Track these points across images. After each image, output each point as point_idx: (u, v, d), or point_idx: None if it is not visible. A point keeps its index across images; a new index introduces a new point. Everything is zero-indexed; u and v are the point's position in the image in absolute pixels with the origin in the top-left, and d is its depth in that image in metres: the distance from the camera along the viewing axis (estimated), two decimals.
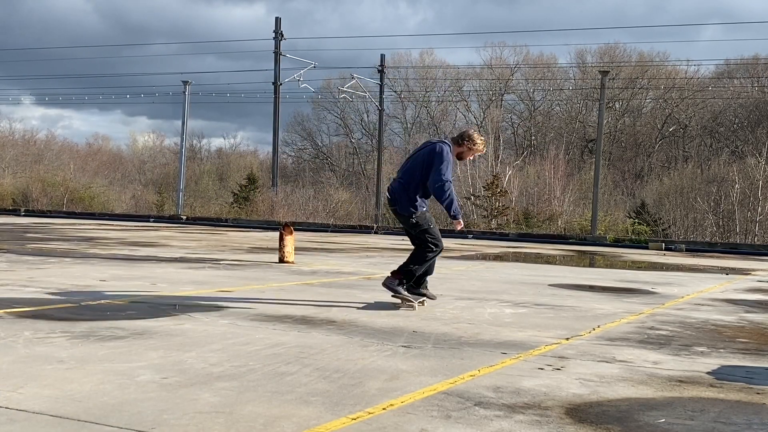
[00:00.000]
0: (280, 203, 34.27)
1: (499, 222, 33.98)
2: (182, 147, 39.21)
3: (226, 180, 56.22)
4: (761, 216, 37.53)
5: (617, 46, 59.08)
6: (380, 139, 43.53)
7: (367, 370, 4.49)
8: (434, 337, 5.74)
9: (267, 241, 18.78)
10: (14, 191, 40.26)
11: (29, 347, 4.77)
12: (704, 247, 24.18)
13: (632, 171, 55.63)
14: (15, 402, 3.54)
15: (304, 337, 5.52)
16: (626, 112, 59.07)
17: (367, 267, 12.21)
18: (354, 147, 63.09)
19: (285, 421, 3.41)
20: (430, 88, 61.37)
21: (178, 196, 37.43)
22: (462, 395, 4.01)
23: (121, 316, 6.12)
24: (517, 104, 61.78)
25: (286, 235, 12.30)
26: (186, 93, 36.91)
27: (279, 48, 35.62)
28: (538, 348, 5.45)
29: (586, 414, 3.77)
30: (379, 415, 3.58)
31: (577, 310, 7.71)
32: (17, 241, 15.13)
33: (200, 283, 8.81)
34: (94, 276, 9.03)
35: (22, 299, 6.87)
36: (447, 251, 17.89)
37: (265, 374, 4.29)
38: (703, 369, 4.95)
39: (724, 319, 7.46)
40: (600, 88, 33.38)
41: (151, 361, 4.50)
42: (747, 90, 56.27)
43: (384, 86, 42.24)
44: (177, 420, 3.37)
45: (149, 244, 15.77)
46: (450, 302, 7.86)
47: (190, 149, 62.87)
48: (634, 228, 34.79)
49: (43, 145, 58.69)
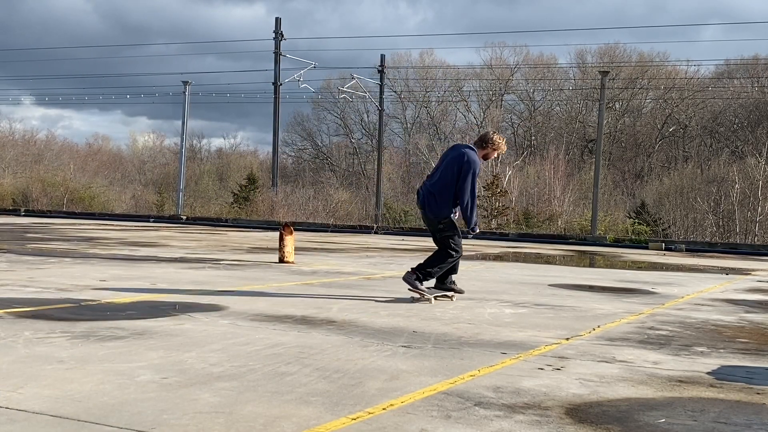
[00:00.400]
0: (280, 203, 34.28)
1: (499, 222, 33.99)
2: (182, 147, 39.22)
3: (226, 180, 56.24)
4: (761, 216, 37.53)
5: (617, 46, 59.18)
6: (380, 139, 43.52)
7: (367, 370, 4.48)
8: (434, 337, 5.74)
9: (267, 241, 18.78)
10: (14, 191, 40.27)
11: (29, 347, 4.77)
12: (704, 247, 24.18)
13: (632, 171, 55.64)
14: (15, 402, 3.54)
15: (304, 337, 5.52)
16: (626, 112, 59.08)
17: (367, 267, 12.21)
18: (354, 147, 63.10)
19: (285, 421, 3.41)
20: (430, 88, 61.40)
21: (178, 196, 37.43)
22: (462, 395, 4.01)
23: (121, 316, 6.12)
24: (517, 104, 61.86)
25: (286, 235, 12.30)
26: (186, 93, 36.91)
27: (279, 48, 35.62)
28: (538, 348, 5.45)
29: (586, 414, 3.77)
30: (379, 415, 3.58)
31: (577, 310, 7.71)
32: (17, 241, 15.13)
33: (200, 283, 8.81)
34: (94, 276, 9.03)
35: (22, 299, 6.87)
36: None
37: (265, 374, 4.29)
38: (703, 369, 4.95)
39: (724, 319, 7.46)
40: (600, 88, 33.38)
41: (151, 361, 4.50)
42: (747, 90, 56.28)
43: (384, 86, 42.26)
44: (177, 420, 3.37)
45: (149, 244, 15.78)
46: (450, 302, 7.86)
47: (190, 149, 62.88)
48: (634, 228, 34.80)
49: (43, 145, 58.70)
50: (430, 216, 7.68)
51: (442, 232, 7.67)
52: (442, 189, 7.59)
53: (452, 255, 7.70)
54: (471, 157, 7.55)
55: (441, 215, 7.62)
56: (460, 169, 7.50)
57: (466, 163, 7.50)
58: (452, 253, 7.69)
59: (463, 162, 7.51)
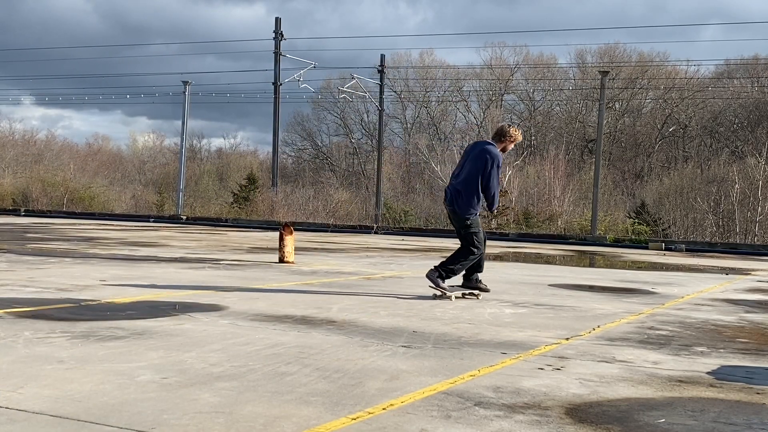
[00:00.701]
0: (280, 203, 34.28)
1: (499, 222, 33.98)
2: (182, 147, 39.22)
3: (226, 180, 56.23)
4: (761, 216, 37.53)
5: (617, 46, 59.15)
6: (380, 139, 43.52)
7: (367, 370, 4.48)
8: (434, 337, 5.74)
9: (267, 241, 18.78)
10: (14, 191, 40.27)
11: (29, 347, 4.77)
12: (704, 247, 24.17)
13: (632, 171, 55.64)
14: (15, 402, 3.54)
15: (304, 337, 5.52)
16: (626, 112, 59.08)
17: (367, 267, 12.21)
18: (354, 147, 63.08)
19: (285, 421, 3.41)
20: (430, 88, 61.40)
21: (178, 196, 37.43)
22: (462, 395, 4.01)
23: (121, 316, 6.12)
24: (517, 104, 61.84)
25: (286, 235, 12.30)
26: (186, 93, 36.91)
27: (279, 48, 35.62)
28: (538, 348, 5.45)
29: (586, 414, 3.77)
30: (379, 415, 3.58)
31: (577, 310, 7.71)
32: (17, 241, 15.13)
33: (200, 283, 8.81)
34: (94, 276, 9.03)
35: (22, 299, 6.87)
36: (447, 251, 17.87)
37: (265, 374, 4.29)
38: (703, 369, 4.95)
39: (724, 319, 7.46)
40: (600, 88, 33.38)
41: (151, 361, 4.50)
42: (747, 90, 56.27)
43: (384, 86, 42.26)
44: (177, 420, 3.37)
45: (149, 244, 15.78)
46: (450, 302, 7.86)
47: (190, 149, 62.90)
48: (634, 228, 34.80)
49: (43, 145, 58.71)
50: (458, 212, 8.05)
51: (467, 228, 8.03)
52: (467, 185, 7.99)
53: (473, 252, 8.03)
54: (493, 152, 7.99)
55: (468, 212, 8.01)
56: (484, 164, 7.92)
57: (489, 158, 7.93)
58: (474, 249, 8.02)
59: (487, 157, 7.94)
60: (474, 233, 8.02)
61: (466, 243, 8.06)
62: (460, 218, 8.05)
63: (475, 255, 8.06)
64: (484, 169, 7.92)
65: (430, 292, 8.19)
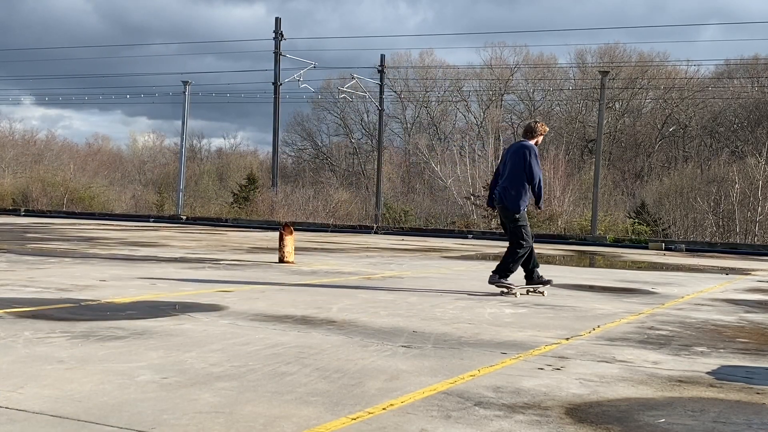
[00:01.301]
0: (280, 203, 34.28)
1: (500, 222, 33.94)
2: (182, 147, 39.22)
3: (226, 180, 56.21)
4: (761, 216, 37.52)
5: (617, 46, 59.09)
6: (380, 139, 43.52)
7: (367, 370, 4.48)
8: (434, 337, 5.74)
9: (267, 241, 18.78)
10: (14, 191, 40.26)
11: (29, 347, 4.77)
12: (704, 247, 24.17)
13: (632, 171, 55.63)
14: (15, 402, 3.54)
15: (304, 337, 5.52)
16: (626, 112, 59.07)
17: (366, 267, 12.21)
18: (354, 147, 63.07)
19: (285, 421, 3.41)
20: (430, 88, 61.38)
21: (178, 196, 37.43)
22: (462, 395, 4.01)
23: (121, 316, 6.12)
24: (517, 104, 61.77)
25: (286, 235, 12.30)
26: (186, 93, 36.91)
27: (279, 48, 35.62)
28: (538, 348, 5.45)
29: (586, 414, 3.77)
30: (379, 415, 3.58)
31: (577, 310, 7.71)
32: (17, 241, 15.13)
33: (200, 283, 8.81)
34: (94, 276, 9.03)
35: (22, 299, 6.87)
36: (447, 251, 17.88)
37: (265, 374, 4.29)
38: (703, 369, 4.95)
39: (724, 319, 7.46)
40: (600, 88, 33.38)
41: (151, 361, 4.50)
42: (747, 90, 56.26)
43: (384, 86, 42.25)
44: (177, 420, 3.37)
45: (149, 244, 15.78)
46: (450, 302, 7.86)
47: (190, 149, 62.88)
48: (634, 228, 34.77)
49: (43, 145, 58.69)
50: (509, 206, 8.57)
51: (516, 222, 8.55)
52: (513, 180, 8.56)
53: (522, 245, 8.52)
54: (528, 145, 8.67)
55: (517, 205, 8.53)
56: (523, 157, 8.53)
57: (527, 151, 8.57)
58: (522, 243, 8.52)
59: (524, 151, 8.59)
60: (522, 226, 8.54)
61: (515, 237, 8.54)
62: (510, 213, 8.56)
63: (525, 248, 8.53)
64: (524, 162, 8.50)
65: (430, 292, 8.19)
